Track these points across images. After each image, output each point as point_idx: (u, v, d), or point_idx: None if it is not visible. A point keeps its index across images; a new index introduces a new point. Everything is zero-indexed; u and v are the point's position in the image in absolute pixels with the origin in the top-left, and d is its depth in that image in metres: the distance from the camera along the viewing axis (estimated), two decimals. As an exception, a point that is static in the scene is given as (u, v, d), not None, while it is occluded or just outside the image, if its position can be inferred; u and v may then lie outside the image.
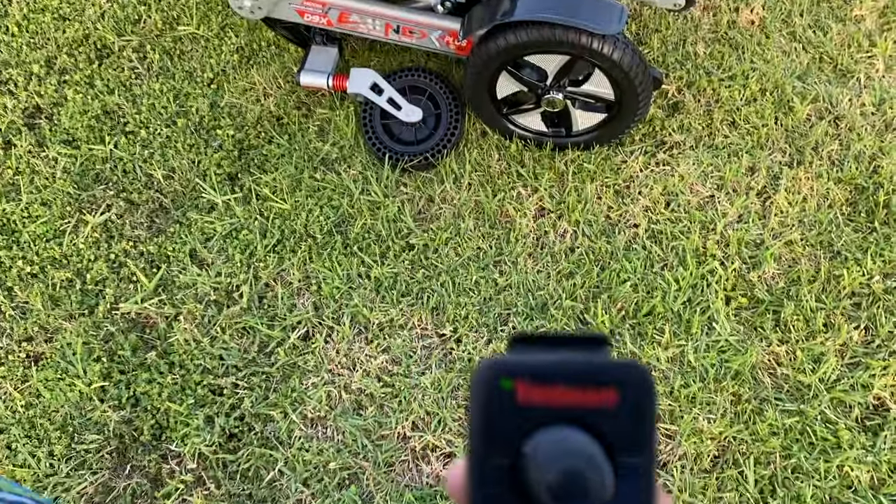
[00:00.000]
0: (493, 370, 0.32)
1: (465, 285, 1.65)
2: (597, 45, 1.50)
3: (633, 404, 0.32)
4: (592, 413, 0.32)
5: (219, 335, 1.59)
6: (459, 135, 1.80)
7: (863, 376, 1.52)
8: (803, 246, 1.66)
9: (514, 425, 0.32)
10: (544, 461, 0.31)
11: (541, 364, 0.32)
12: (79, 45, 1.99)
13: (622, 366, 0.32)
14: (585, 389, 0.32)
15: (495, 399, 0.32)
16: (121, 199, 1.78)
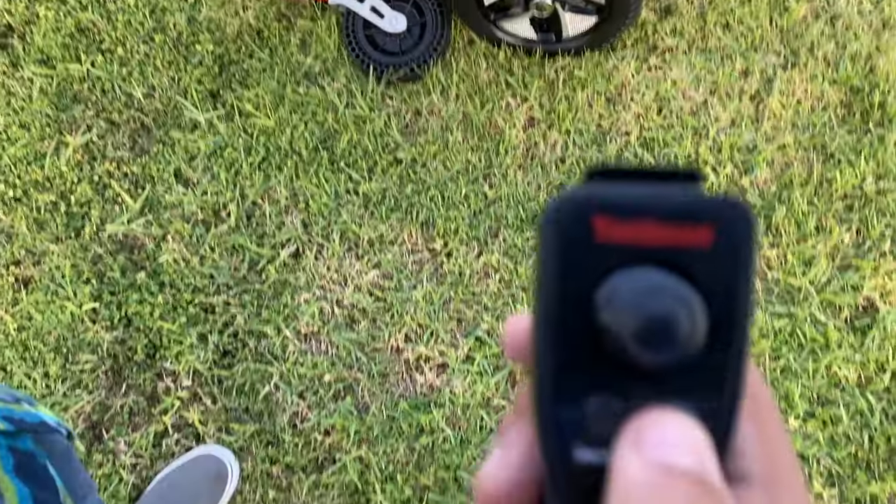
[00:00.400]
0: (567, 204, 0.27)
1: (455, 199, 1.63)
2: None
3: (731, 245, 0.27)
4: (683, 254, 0.27)
5: (208, 254, 1.58)
6: (446, 44, 1.75)
7: (853, 278, 1.52)
8: (796, 149, 1.64)
9: (591, 267, 0.27)
10: (628, 303, 0.26)
11: (624, 196, 0.27)
12: (47, -41, 1.91)
13: (721, 201, 0.27)
14: (676, 226, 0.27)
15: (569, 238, 0.27)
16: (101, 120, 1.74)
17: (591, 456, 0.27)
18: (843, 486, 1.42)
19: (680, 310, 0.26)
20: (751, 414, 0.29)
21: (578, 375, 0.28)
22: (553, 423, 0.28)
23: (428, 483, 1.44)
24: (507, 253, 1.59)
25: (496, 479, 0.30)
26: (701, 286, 0.27)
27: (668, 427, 0.25)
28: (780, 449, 0.29)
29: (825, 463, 1.43)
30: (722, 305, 0.27)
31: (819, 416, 1.45)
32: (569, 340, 0.28)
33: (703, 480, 0.24)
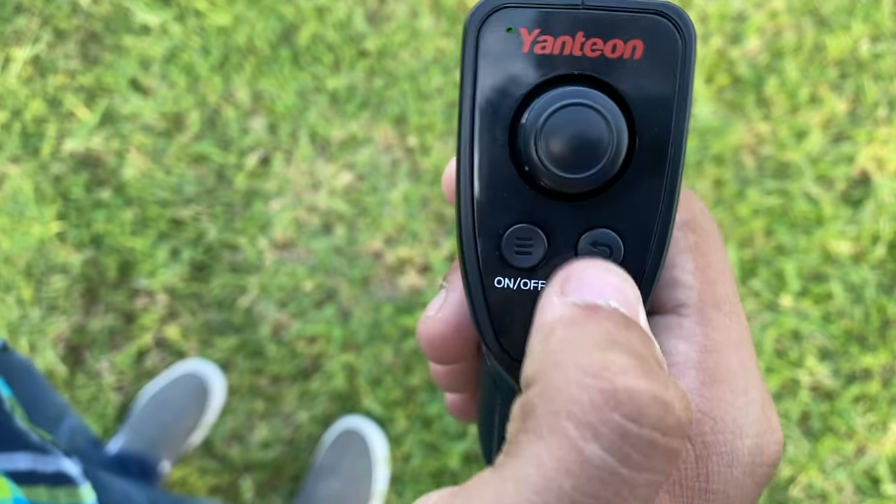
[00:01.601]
0: (492, 9, 0.25)
1: (428, 91, 1.54)
2: None
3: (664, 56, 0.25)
4: (613, 67, 0.25)
5: (173, 165, 1.51)
6: (408, -78, 1.62)
7: (847, 149, 1.46)
8: (788, 15, 1.54)
9: (515, 81, 0.25)
10: (544, 119, 0.25)
11: (552, 3, 0.25)
12: None
13: (655, 7, 0.25)
14: (606, 38, 0.25)
15: (495, 50, 0.25)
16: (48, 30, 1.63)
17: (510, 283, 0.27)
18: (836, 361, 1.41)
19: (600, 126, 0.24)
20: (691, 246, 0.29)
21: (499, 204, 0.26)
22: (472, 253, 0.27)
23: (417, 384, 1.42)
24: (486, 145, 1.51)
25: (435, 320, 0.31)
26: (630, 102, 0.25)
27: (591, 271, 0.25)
28: (718, 280, 0.28)
29: (819, 339, 1.41)
30: (651, 125, 0.25)
31: (813, 293, 1.42)
32: (489, 166, 0.26)
33: (626, 315, 0.24)
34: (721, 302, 0.28)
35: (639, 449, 0.21)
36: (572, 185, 0.25)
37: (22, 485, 0.54)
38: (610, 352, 0.22)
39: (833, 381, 1.40)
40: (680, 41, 0.25)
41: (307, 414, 1.42)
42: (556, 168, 0.25)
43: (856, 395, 1.39)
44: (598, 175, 0.25)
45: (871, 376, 1.40)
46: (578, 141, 0.24)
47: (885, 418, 1.38)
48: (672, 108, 0.25)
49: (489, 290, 0.27)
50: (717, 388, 0.27)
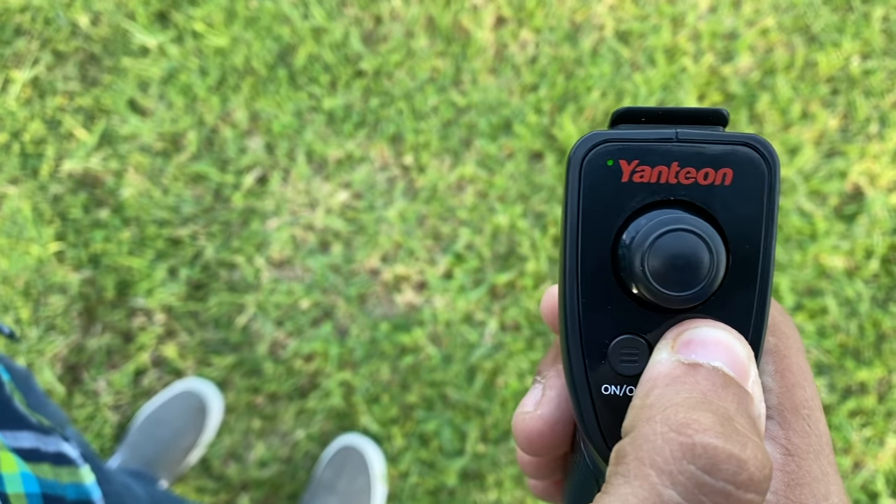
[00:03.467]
0: (594, 146, 0.28)
1: (424, 110, 1.56)
2: None
3: (752, 184, 0.28)
4: (706, 193, 0.28)
5: (170, 185, 1.52)
6: (403, -56, 1.64)
7: (840, 164, 1.47)
8: (779, 33, 1.56)
9: (615, 208, 0.28)
10: (651, 243, 0.27)
11: (648, 137, 0.28)
12: None
13: (743, 138, 0.28)
14: (699, 165, 0.28)
15: (595, 180, 0.28)
16: (47, 52, 1.64)
17: (617, 391, 0.29)
18: (832, 375, 1.41)
19: (701, 249, 0.27)
20: (772, 349, 0.30)
21: (603, 318, 0.29)
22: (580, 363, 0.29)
23: (414, 401, 1.43)
24: (482, 163, 1.53)
25: (533, 417, 0.33)
26: (723, 225, 0.28)
27: (703, 330, 0.27)
28: (798, 384, 0.30)
29: (814, 353, 1.41)
30: (744, 243, 0.28)
31: (807, 308, 1.42)
32: (594, 282, 0.29)
33: (726, 375, 0.26)
34: (800, 406, 0.29)
35: (712, 498, 0.23)
36: (677, 303, 0.27)
37: (27, 461, 0.54)
38: (697, 411, 0.25)
39: (829, 396, 1.40)
40: (766, 168, 0.28)
41: (304, 432, 1.43)
42: (662, 286, 0.27)
43: (852, 410, 1.40)
44: (700, 293, 0.27)
45: (867, 391, 1.40)
46: (683, 262, 0.27)
47: (881, 433, 1.38)
48: (761, 229, 0.28)
49: (597, 397, 0.29)
50: (800, 491, 0.28)
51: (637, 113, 0.29)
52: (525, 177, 1.51)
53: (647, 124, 0.29)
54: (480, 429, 1.42)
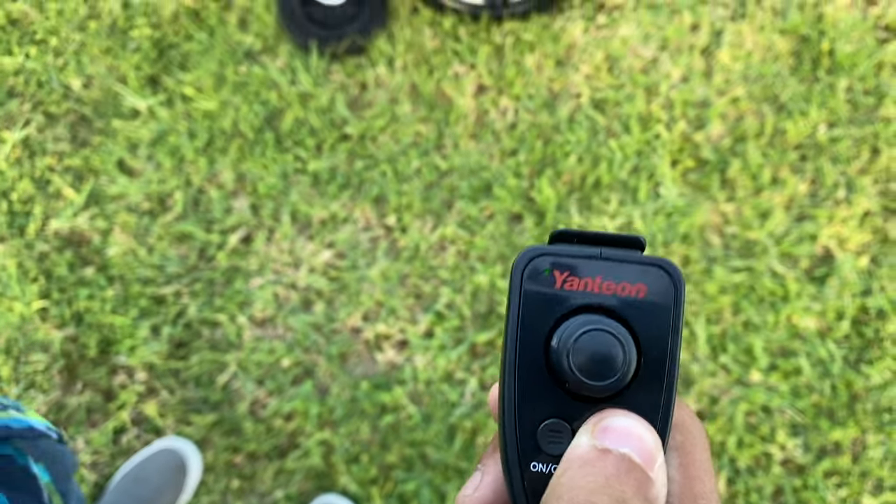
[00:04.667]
0: (533, 258, 0.34)
1: (407, 173, 1.60)
2: None
3: (662, 298, 0.34)
4: (624, 304, 0.34)
5: (156, 244, 1.55)
6: (386, 13, 1.71)
7: (809, 228, 1.52)
8: (748, 101, 1.62)
9: (549, 312, 0.34)
10: (576, 344, 0.33)
11: (578, 254, 0.34)
12: (-29, -51, 1.84)
13: (656, 261, 0.34)
14: (619, 280, 0.34)
15: (533, 287, 0.34)
16: (39, 113, 1.68)
17: (543, 468, 0.34)
18: (806, 435, 1.43)
19: (616, 346, 0.32)
20: (678, 445, 0.34)
21: (536, 403, 0.34)
22: (514, 443, 0.34)
23: (394, 461, 1.43)
24: (463, 224, 1.56)
25: (472, 499, 0.37)
26: (636, 330, 0.33)
27: (618, 419, 0.31)
28: (699, 478, 0.33)
29: (789, 414, 1.43)
30: (653, 346, 0.33)
31: (781, 368, 1.45)
32: (529, 372, 0.34)
33: (632, 461, 0.30)
34: (699, 496, 0.33)
35: None
36: (594, 391, 0.32)
37: None
38: (596, 494, 0.29)
39: (804, 456, 1.41)
40: (673, 287, 0.34)
41: (283, 492, 1.42)
42: (583, 376, 0.32)
43: (827, 470, 1.41)
44: (614, 384, 0.32)
45: (842, 451, 1.42)
46: (600, 356, 0.32)
47: (857, 493, 1.39)
48: (668, 336, 0.34)
49: (526, 473, 0.34)
50: None
51: (571, 234, 0.35)
52: (505, 238, 1.55)
53: (579, 244, 0.35)
54: (460, 489, 1.42)
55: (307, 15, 1.69)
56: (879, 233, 1.53)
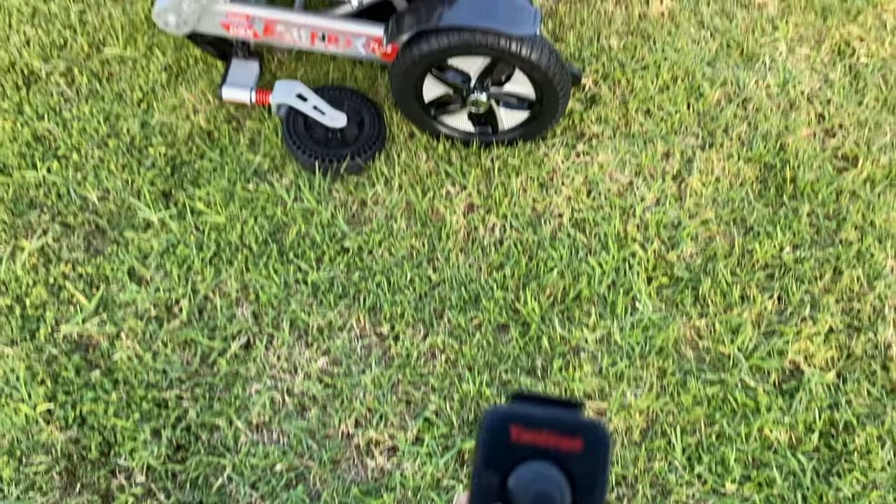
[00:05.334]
0: (496, 415, 0.45)
1: (400, 283, 1.71)
2: (514, 46, 1.57)
3: (593, 452, 0.44)
4: (564, 455, 0.44)
5: (161, 350, 1.63)
6: (383, 137, 1.86)
7: (778, 343, 1.61)
8: (718, 224, 1.75)
9: (506, 457, 0.44)
10: (525, 484, 0.43)
11: (531, 413, 0.45)
12: (5, 72, 2.00)
13: (589, 422, 0.44)
14: (561, 436, 0.44)
15: (495, 437, 0.44)
16: (56, 223, 1.80)
17: None
18: (782, 547, 1.47)
19: (556, 491, 0.43)
20: None
21: None
22: None
23: (381, 567, 1.46)
24: (452, 333, 1.65)
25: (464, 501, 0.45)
26: (574, 477, 0.44)
27: None
28: None
29: (763, 524, 1.48)
30: (586, 491, 0.44)
31: (754, 479, 1.51)
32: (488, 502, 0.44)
33: None
34: None
35: None
36: None
37: None
38: None
39: (780, 567, 1.46)
40: (603, 444, 0.44)
41: None
42: None
43: (802, 582, 1.45)
44: None
45: (816, 562, 1.46)
46: (543, 494, 0.43)
47: None
48: (597, 483, 0.43)
49: None
50: None
51: (527, 396, 0.45)
52: (492, 347, 1.64)
53: (533, 403, 0.45)
54: None
55: (311, 136, 1.83)
56: (844, 349, 1.63)
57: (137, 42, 2.05)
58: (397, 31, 1.63)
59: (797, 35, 2.03)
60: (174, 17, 1.70)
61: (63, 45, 2.06)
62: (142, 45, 2.05)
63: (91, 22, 2.09)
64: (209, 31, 1.77)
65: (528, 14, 1.55)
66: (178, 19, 1.71)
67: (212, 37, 1.81)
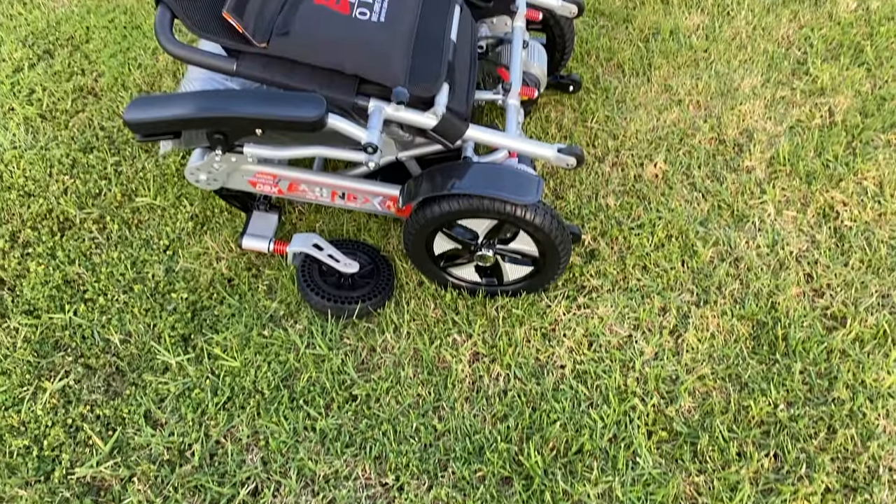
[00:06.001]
0: None
1: (406, 433, 1.76)
2: (519, 212, 1.69)
3: None
4: None
5: (171, 495, 1.66)
6: (392, 284, 1.97)
7: (776, 502, 1.64)
8: (714, 379, 1.82)
9: None
10: None
11: None
12: (42, 218, 2.14)
13: None
14: None
15: None
16: (79, 365, 1.88)
17: None
18: None
19: None
20: None
21: None
22: None
23: None
24: (456, 486, 1.69)
25: None
26: None
27: None
28: None
29: None
30: None
31: None
32: None
33: None
34: None
35: None
36: None
37: None
38: None
39: None
40: None
41: None
42: None
43: None
44: None
45: None
46: None
47: None
48: None
49: None
50: None
51: None
52: (495, 501, 1.67)
53: None
54: None
55: (325, 280, 1.94)
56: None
57: (167, 192, 2.21)
58: (413, 195, 1.76)
59: (784, 198, 2.17)
60: (205, 175, 1.85)
61: (98, 194, 2.21)
62: (171, 195, 2.20)
63: (125, 173, 2.25)
64: (237, 188, 1.91)
65: (532, 183, 1.69)
66: (208, 177, 1.85)
67: (237, 191, 1.96)
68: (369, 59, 1.61)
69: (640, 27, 2.64)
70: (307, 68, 1.60)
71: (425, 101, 1.66)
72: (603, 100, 2.42)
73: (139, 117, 1.57)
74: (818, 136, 2.30)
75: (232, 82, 1.83)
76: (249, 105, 1.59)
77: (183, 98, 1.61)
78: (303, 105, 1.55)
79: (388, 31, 1.67)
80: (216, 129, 1.64)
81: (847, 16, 2.64)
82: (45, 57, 2.55)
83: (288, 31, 1.58)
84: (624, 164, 2.26)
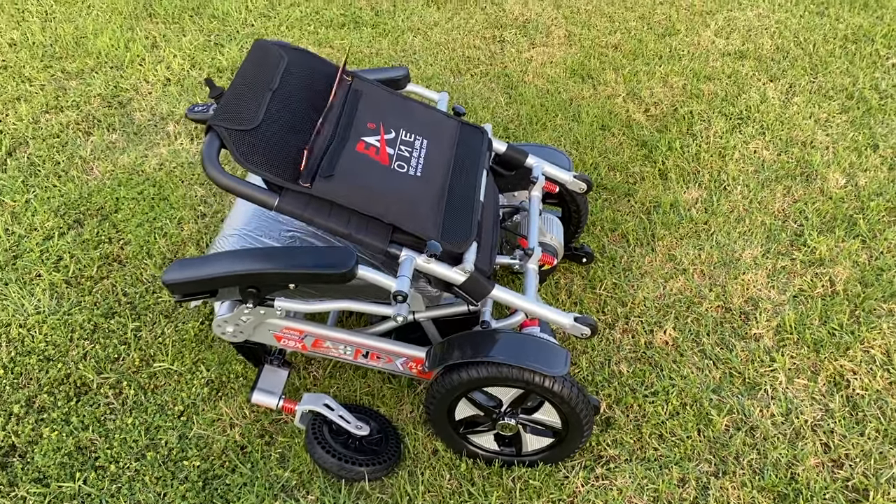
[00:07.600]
0: None
1: None
2: (547, 383, 1.70)
3: None
4: None
5: None
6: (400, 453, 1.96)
7: None
8: (739, 556, 1.76)
9: None
10: None
11: None
12: (60, 383, 2.16)
13: None
14: None
15: None
16: (83, 537, 1.82)
17: None
18: None
19: None
20: None
21: None
22: None
23: None
24: None
25: None
26: None
27: None
28: None
29: None
30: None
31: None
32: None
33: None
34: None
35: None
36: None
37: None
38: None
39: None
40: None
41: None
42: None
43: None
44: None
45: None
46: None
47: None
48: None
49: None
50: None
51: None
52: None
53: None
54: None
55: (334, 440, 1.92)
56: None
57: (185, 357, 2.24)
58: (442, 360, 1.77)
59: (794, 366, 2.20)
60: (232, 328, 1.86)
61: (117, 359, 2.24)
62: (188, 360, 2.23)
63: (145, 338, 2.29)
64: (262, 341, 1.93)
65: (560, 355, 1.71)
66: (235, 329, 1.87)
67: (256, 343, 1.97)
68: (408, 210, 1.65)
69: (641, 200, 2.78)
70: (345, 212, 1.62)
71: (454, 256, 1.69)
72: (610, 268, 2.51)
73: (177, 278, 1.62)
74: (821, 305, 2.36)
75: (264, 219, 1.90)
76: (283, 261, 1.64)
77: (219, 258, 1.68)
78: (333, 257, 1.61)
79: (423, 185, 1.73)
80: (249, 285, 1.68)
81: (838, 191, 2.79)
82: (74, 226, 2.67)
83: (332, 175, 1.61)
84: (634, 330, 2.31)
